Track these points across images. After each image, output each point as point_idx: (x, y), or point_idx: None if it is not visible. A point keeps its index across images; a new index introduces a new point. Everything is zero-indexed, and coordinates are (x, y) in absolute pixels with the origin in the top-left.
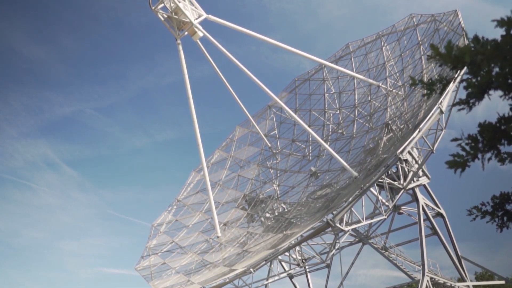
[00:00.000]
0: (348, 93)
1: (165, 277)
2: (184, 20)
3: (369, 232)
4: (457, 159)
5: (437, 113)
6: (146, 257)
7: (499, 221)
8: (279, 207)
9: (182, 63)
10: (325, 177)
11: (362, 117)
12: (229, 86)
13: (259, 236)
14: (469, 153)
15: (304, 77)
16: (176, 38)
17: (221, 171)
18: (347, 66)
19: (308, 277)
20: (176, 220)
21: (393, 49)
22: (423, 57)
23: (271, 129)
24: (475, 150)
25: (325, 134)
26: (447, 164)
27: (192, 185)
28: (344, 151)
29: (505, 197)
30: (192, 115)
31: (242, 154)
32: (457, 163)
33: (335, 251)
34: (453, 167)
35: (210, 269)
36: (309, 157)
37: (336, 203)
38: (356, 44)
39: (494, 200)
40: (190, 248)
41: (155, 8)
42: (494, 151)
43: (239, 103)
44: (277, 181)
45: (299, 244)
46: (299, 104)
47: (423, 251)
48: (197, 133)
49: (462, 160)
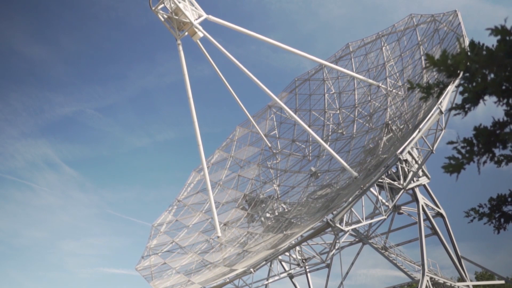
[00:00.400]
0: (348, 93)
1: (166, 277)
2: (184, 21)
3: (369, 232)
4: (453, 162)
5: (436, 113)
6: (146, 257)
7: (496, 223)
8: (279, 207)
9: (182, 63)
10: (325, 177)
11: (362, 117)
12: (229, 86)
13: (259, 236)
14: (465, 156)
15: (304, 77)
16: (176, 39)
17: (221, 171)
18: (347, 66)
19: (308, 277)
20: (176, 220)
21: (393, 49)
22: (423, 57)
23: (271, 129)
24: (471, 154)
25: (325, 134)
26: (443, 168)
27: (193, 185)
28: (344, 151)
29: (502, 199)
30: (192, 115)
31: (242, 154)
32: (452, 166)
33: (335, 251)
34: (448, 170)
35: (211, 269)
36: (309, 157)
37: (336, 203)
38: (356, 44)
39: (491, 202)
40: (191, 248)
41: (155, 9)
42: (489, 155)
43: (239, 104)
44: (277, 181)
45: (299, 244)
46: (299, 104)
47: (423, 251)
48: (197, 133)
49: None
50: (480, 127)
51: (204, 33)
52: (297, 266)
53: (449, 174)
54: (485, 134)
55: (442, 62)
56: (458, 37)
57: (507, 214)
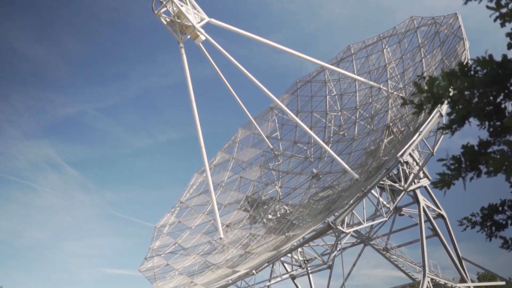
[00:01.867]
0: (349, 95)
1: (169, 279)
2: (187, 24)
3: (371, 234)
4: (443, 178)
5: (437, 116)
6: (149, 258)
7: (488, 231)
8: (281, 208)
9: (184, 66)
10: (326, 179)
11: (364, 119)
12: (231, 88)
13: (261, 238)
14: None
15: (305, 79)
16: (178, 42)
17: (223, 173)
18: (348, 68)
19: (310, 278)
20: (179, 221)
21: (394, 52)
22: (424, 60)
23: (273, 130)
24: (458, 171)
25: (327, 136)
26: (432, 184)
27: (195, 187)
28: (345, 153)
29: (493, 208)
30: (194, 118)
31: (244, 155)
32: (441, 182)
33: (337, 253)
34: (437, 186)
35: (213, 270)
36: (311, 158)
37: (338, 205)
38: (358, 46)
39: (483, 211)
40: (193, 250)
41: (158, 12)
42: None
43: (241, 106)
44: (279, 182)
45: (300, 246)
46: (300, 106)
47: (423, 252)
48: (200, 136)
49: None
50: (468, 145)
51: (206, 36)
52: (299, 268)
53: (439, 189)
54: (471, 153)
55: (429, 90)
56: (462, 37)
57: (498, 222)
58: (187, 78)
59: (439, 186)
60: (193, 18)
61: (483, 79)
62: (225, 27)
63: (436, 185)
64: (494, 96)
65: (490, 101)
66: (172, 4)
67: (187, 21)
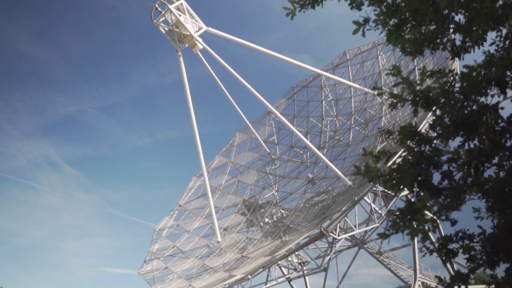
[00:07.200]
0: (345, 101)
1: (167, 282)
2: (185, 33)
3: (365, 237)
4: (383, 234)
5: (427, 126)
6: (148, 261)
7: (443, 257)
8: (278, 212)
9: (183, 74)
10: (322, 184)
11: (359, 124)
12: (228, 95)
13: (258, 242)
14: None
15: (302, 84)
16: (177, 50)
17: (221, 177)
18: (344, 73)
19: (306, 280)
20: (177, 225)
21: (388, 59)
22: (416, 68)
23: (270, 135)
24: (396, 230)
25: (323, 140)
26: (408, 235)
27: (193, 190)
28: (340, 158)
29: (447, 239)
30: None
31: (242, 159)
32: (383, 235)
33: (332, 256)
34: (382, 236)
35: (211, 273)
36: (307, 163)
37: (331, 211)
38: (353, 52)
39: (438, 241)
40: (191, 253)
41: (157, 22)
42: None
43: (238, 111)
44: (276, 186)
45: (295, 251)
46: (297, 110)
47: (415, 255)
48: (198, 141)
49: (386, 234)
50: (402, 209)
51: (203, 45)
52: (295, 271)
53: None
54: (405, 214)
55: (365, 172)
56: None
57: (451, 250)
58: (186, 87)
59: (384, 237)
60: (191, 27)
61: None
62: (222, 36)
63: (381, 236)
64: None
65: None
66: (170, 14)
67: (185, 31)
